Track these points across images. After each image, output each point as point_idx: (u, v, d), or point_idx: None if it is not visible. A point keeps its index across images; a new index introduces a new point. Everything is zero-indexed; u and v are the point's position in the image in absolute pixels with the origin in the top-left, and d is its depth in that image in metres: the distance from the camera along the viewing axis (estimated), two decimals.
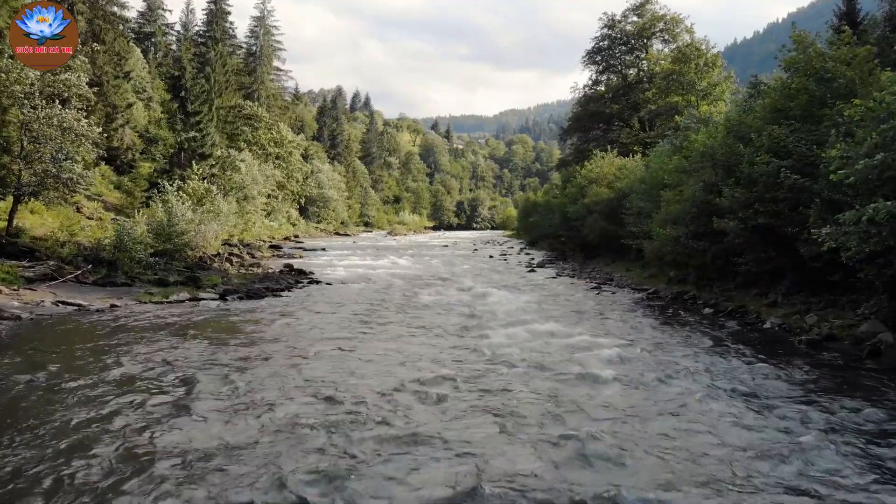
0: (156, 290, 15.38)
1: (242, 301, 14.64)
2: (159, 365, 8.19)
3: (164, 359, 8.53)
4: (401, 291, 16.80)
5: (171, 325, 11.31)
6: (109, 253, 17.37)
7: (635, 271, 21.07)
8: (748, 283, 14.45)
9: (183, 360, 8.45)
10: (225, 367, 8.14)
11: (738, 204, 12.60)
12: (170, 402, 6.67)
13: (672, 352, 9.29)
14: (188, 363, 8.32)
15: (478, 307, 13.71)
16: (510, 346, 9.58)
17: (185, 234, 18.84)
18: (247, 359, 8.66)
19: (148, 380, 7.51)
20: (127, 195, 37.26)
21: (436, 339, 10.37)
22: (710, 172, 14.69)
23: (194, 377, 7.53)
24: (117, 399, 6.66)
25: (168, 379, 7.54)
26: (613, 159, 29.37)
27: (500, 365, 8.44)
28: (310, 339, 10.26)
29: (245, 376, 7.69)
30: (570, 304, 14.37)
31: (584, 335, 10.37)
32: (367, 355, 9.02)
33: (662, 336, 10.64)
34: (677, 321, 12.19)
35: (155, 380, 7.50)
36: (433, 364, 8.56)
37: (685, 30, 41.72)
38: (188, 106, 34.33)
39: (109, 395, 6.78)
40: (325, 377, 7.72)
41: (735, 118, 15.03)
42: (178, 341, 9.75)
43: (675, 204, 15.59)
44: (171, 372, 7.84)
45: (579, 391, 7.22)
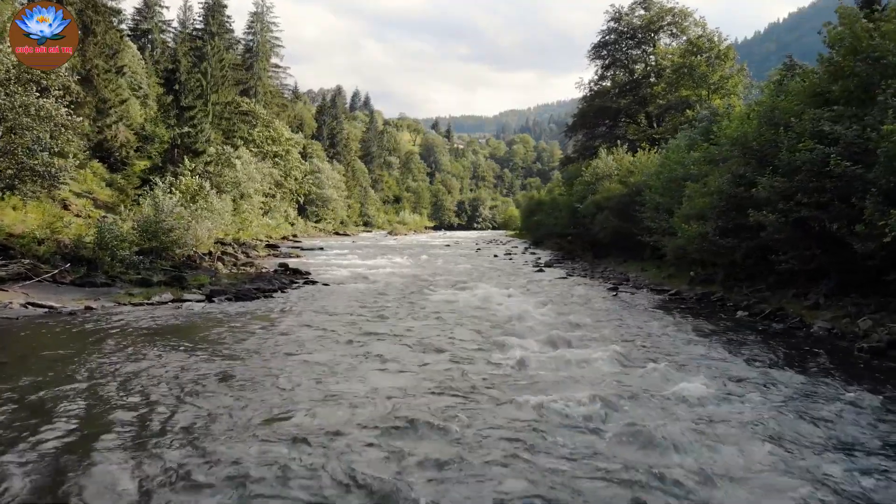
0: (137, 290, 14.18)
1: (230, 303, 13.43)
2: (112, 382, 6.91)
3: (123, 375, 7.28)
4: (402, 293, 15.50)
5: (145, 330, 10.10)
6: (90, 251, 16.17)
7: (651, 271, 19.88)
8: (782, 284, 13.25)
9: (145, 377, 7.20)
10: (184, 388, 6.78)
11: (776, 195, 11.40)
12: (103, 437, 5.29)
13: (735, 369, 7.88)
14: (148, 380, 7.04)
15: (491, 313, 12.22)
16: (547, 369, 7.71)
17: (173, 231, 17.62)
18: (217, 377, 7.25)
19: (91, 403, 6.25)
20: (119, 193, 36.13)
21: (445, 357, 8.40)
22: (740, 162, 13.49)
23: (147, 400, 6.27)
24: (44, 427, 5.40)
25: (115, 401, 6.26)
26: (624, 154, 28.18)
27: (553, 413, 5.96)
28: (294, 352, 8.62)
29: (203, 404, 6.21)
30: (592, 310, 13.00)
31: (622, 348, 8.75)
32: (355, 386, 6.90)
33: (710, 347, 9.21)
34: (716, 327, 10.91)
35: (99, 404, 6.21)
36: (447, 400, 6.42)
37: (694, 23, 40.59)
38: (182, 100, 33.12)
39: (39, 420, 5.56)
40: (298, 413, 6.02)
41: (767, 102, 13.83)
42: (147, 351, 8.53)
43: (701, 197, 14.38)
44: (122, 392, 6.57)
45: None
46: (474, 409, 6.17)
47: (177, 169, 31.77)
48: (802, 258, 11.26)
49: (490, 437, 5.39)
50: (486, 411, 6.11)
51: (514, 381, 7.25)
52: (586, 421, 5.78)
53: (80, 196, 32.05)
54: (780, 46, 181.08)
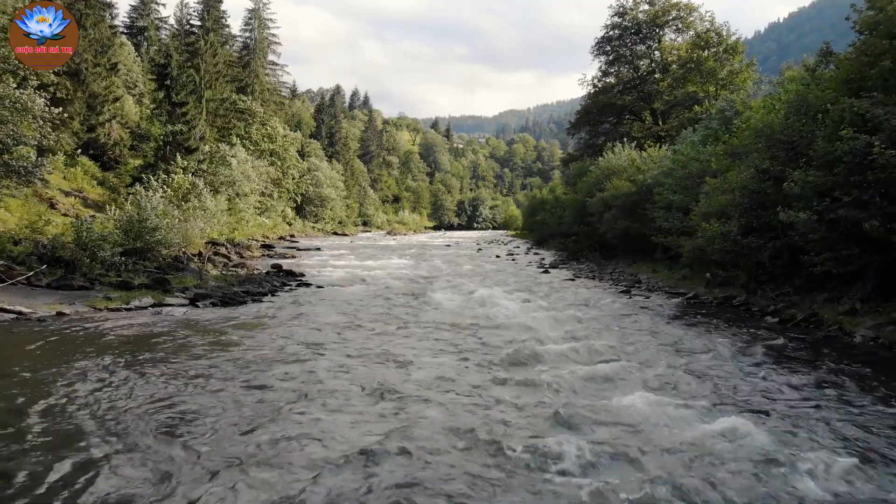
0: (116, 294, 13.17)
1: (215, 308, 12.43)
2: (62, 402, 5.97)
3: (78, 394, 6.32)
4: (401, 297, 14.44)
5: (112, 341, 9.10)
6: (69, 252, 15.18)
7: (663, 272, 18.88)
8: (811, 287, 12.27)
9: (103, 398, 6.24)
10: (141, 416, 5.79)
11: (810, 191, 10.42)
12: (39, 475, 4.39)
13: (782, 388, 6.87)
14: (105, 404, 6.08)
15: (499, 322, 10.97)
16: (568, 393, 6.61)
17: (157, 230, 16.60)
18: (158, 408, 6.04)
19: (32, 427, 5.28)
20: (111, 192, 35.15)
21: (452, 379, 7.14)
22: (765, 155, 12.50)
23: (64, 437, 5.27)
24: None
25: (61, 427, 5.30)
26: (631, 151, 27.20)
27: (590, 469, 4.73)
28: (262, 377, 7.18)
29: (151, 445, 5.05)
30: (608, 316, 11.86)
31: (670, 383, 7.14)
32: (310, 450, 5.12)
33: (747, 360, 8.15)
34: (751, 338, 9.85)
35: (43, 430, 5.25)
36: (463, 449, 5.06)
37: (700, 18, 39.57)
38: (174, 96, 32.12)
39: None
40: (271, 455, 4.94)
41: (794, 90, 12.84)
42: (112, 365, 7.53)
43: (722, 194, 13.39)
44: (72, 415, 5.62)
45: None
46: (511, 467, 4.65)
47: (169, 167, 30.78)
48: (839, 260, 10.27)
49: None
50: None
51: (550, 453, 4.94)
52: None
53: (69, 195, 31.09)
54: (781, 46, 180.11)
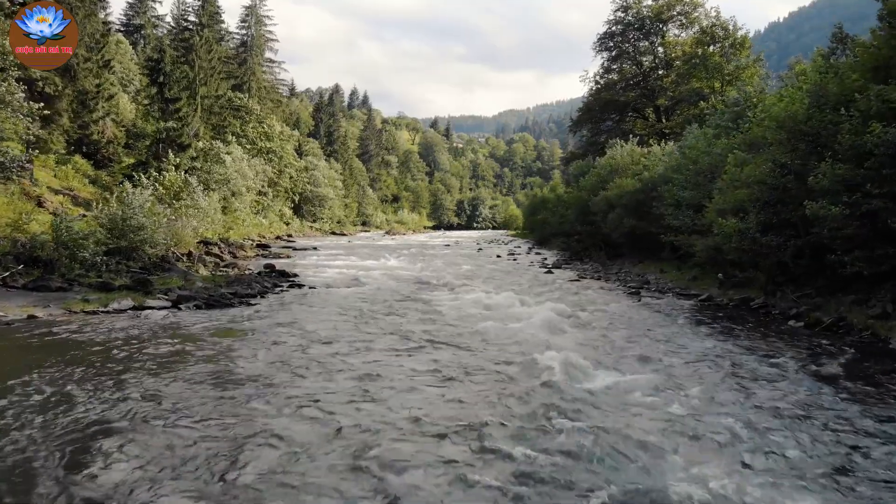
0: (95, 296, 12.39)
1: (199, 311, 11.64)
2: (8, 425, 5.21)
3: (27, 414, 5.56)
4: (397, 301, 13.53)
5: (81, 347, 8.32)
6: (48, 251, 14.41)
7: (671, 272, 18.11)
8: (834, 288, 11.49)
9: (21, 420, 5.48)
10: (95, 442, 5.06)
11: (839, 185, 9.65)
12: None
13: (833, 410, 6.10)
14: (22, 426, 5.33)
15: (507, 334, 9.76)
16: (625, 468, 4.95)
17: (143, 229, 15.81)
18: (102, 431, 5.31)
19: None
20: (103, 190, 34.38)
21: (456, 401, 6.18)
22: (785, 147, 11.72)
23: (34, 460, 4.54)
24: None
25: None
26: (635, 148, 26.44)
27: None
28: (235, 396, 6.29)
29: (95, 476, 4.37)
30: (618, 320, 11.02)
31: (685, 385, 6.66)
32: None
33: (803, 381, 7.12)
34: (781, 344, 9.05)
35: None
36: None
37: (704, 14, 38.80)
38: (167, 92, 31.33)
39: None
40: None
41: (812, 79, 12.07)
42: (74, 375, 6.76)
43: (738, 189, 12.61)
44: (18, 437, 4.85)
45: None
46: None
47: (161, 164, 30.01)
48: (871, 259, 9.50)
49: None
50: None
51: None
52: None
53: (59, 193, 30.36)
54: (781, 46, 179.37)
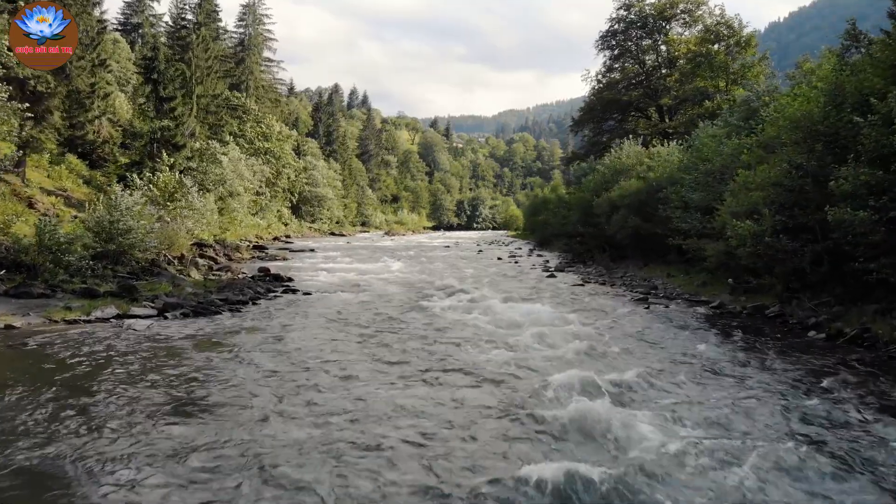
0: (78, 303, 11.81)
1: (185, 319, 11.06)
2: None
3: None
4: (395, 309, 12.77)
5: (59, 363, 7.74)
6: (32, 256, 13.84)
7: (678, 277, 17.53)
8: (853, 296, 10.91)
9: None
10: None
11: (864, 188, 9.08)
12: None
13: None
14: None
15: (511, 341, 9.11)
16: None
17: (130, 231, 15.23)
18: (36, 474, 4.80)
19: None
20: (97, 191, 33.83)
21: (465, 468, 4.86)
22: (801, 149, 11.16)
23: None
24: None
25: None
26: (640, 147, 25.87)
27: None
28: (202, 430, 5.48)
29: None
30: (629, 330, 10.25)
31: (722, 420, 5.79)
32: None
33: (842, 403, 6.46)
34: (807, 356, 8.46)
35: None
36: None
37: (708, 12, 38.21)
38: (161, 91, 30.75)
39: None
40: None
41: (827, 77, 11.51)
42: (20, 400, 6.18)
43: (751, 191, 12.04)
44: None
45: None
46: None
47: (155, 164, 29.44)
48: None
49: None
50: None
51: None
52: None
53: (52, 194, 29.79)
54: (781, 46, 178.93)
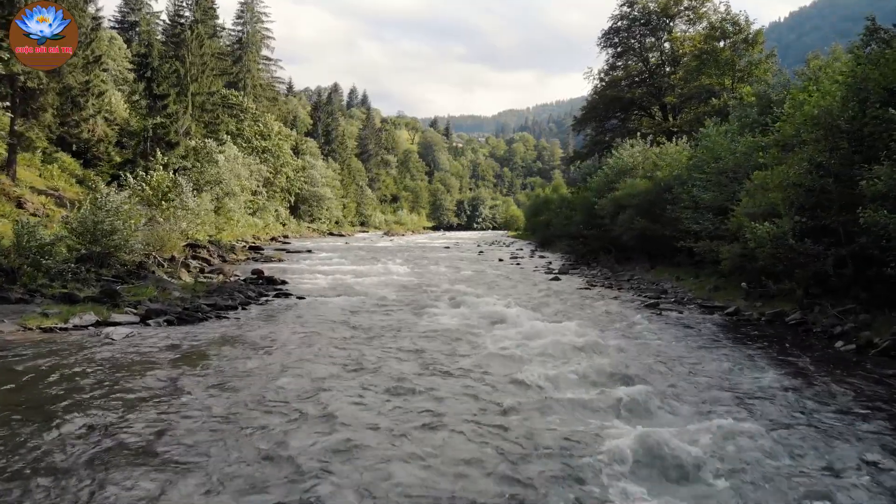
0: (56, 309, 11.14)
1: (169, 327, 10.39)
2: None
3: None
4: (393, 316, 12.04)
5: (18, 375, 7.08)
6: (12, 259, 13.19)
7: (688, 280, 16.86)
8: (880, 303, 10.27)
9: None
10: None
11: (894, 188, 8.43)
12: None
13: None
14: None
15: (522, 364, 7.96)
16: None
17: (115, 233, 14.58)
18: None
19: None
20: (90, 190, 33.20)
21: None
22: (822, 147, 10.51)
23: None
24: None
25: None
26: (646, 146, 25.22)
27: None
28: (180, 457, 4.84)
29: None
30: (644, 342, 9.55)
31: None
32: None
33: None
34: (842, 370, 7.82)
35: None
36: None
37: (713, 10, 37.54)
38: (155, 88, 30.10)
39: None
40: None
41: (848, 72, 10.86)
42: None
43: (769, 191, 11.38)
44: None
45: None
46: None
47: (148, 163, 28.79)
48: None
49: None
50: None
51: None
52: None
53: (43, 193, 29.17)
54: (781, 46, 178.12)
